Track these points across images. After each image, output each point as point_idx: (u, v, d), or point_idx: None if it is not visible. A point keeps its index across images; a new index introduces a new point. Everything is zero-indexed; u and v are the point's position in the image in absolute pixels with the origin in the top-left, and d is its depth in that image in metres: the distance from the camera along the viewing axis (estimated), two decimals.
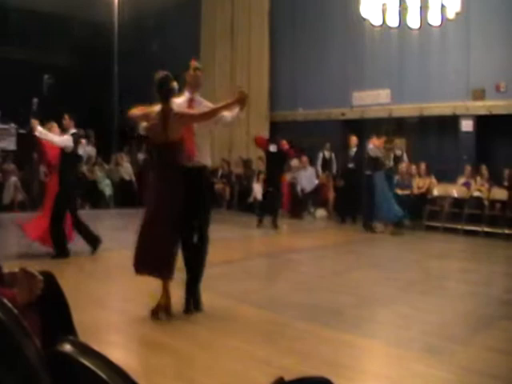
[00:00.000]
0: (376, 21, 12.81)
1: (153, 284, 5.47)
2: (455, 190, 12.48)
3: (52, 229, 8.23)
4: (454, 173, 12.85)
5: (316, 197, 14.67)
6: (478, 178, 12.34)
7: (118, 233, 11.44)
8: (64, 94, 17.56)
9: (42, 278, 2.35)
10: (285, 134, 15.07)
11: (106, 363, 1.04)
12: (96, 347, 1.45)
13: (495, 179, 12.25)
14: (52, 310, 2.49)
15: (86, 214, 13.85)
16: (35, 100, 15.07)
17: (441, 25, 12.53)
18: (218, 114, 5.54)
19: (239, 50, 17.70)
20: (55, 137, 8.42)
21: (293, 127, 15.89)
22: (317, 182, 14.70)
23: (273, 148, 12.83)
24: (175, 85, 5.46)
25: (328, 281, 7.37)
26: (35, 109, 13.95)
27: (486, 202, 12.00)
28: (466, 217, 12.06)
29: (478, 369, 4.28)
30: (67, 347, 1.35)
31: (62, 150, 8.39)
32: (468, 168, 12.51)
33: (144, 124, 5.66)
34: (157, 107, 5.39)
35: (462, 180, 12.58)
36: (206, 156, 5.64)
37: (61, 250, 8.30)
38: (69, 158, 8.46)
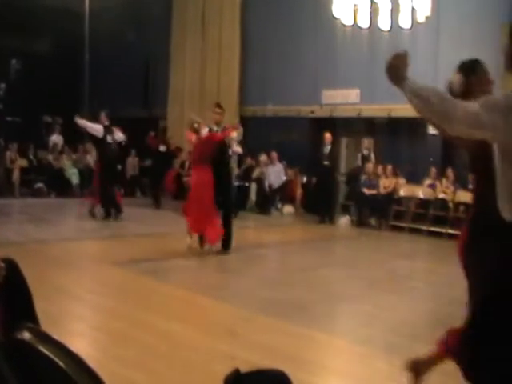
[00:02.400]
0: (347, 21, 12.88)
1: (119, 276, 5.42)
2: (421, 191, 12.62)
3: (225, 225, 8.46)
4: (421, 174, 12.99)
5: (283, 193, 14.70)
6: (444, 180, 12.49)
7: (84, 222, 11.33)
8: (33, 79, 17.29)
9: (3, 265, 2.31)
10: (254, 129, 15.20)
11: (64, 351, 1.03)
12: (58, 336, 1.43)
13: (460, 182, 12.42)
14: (13, 297, 2.45)
15: (51, 203, 13.77)
16: (2, 85, 14.80)
17: (411, 28, 12.67)
18: None
19: (210, 42, 17.55)
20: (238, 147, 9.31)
21: (262, 122, 15.90)
22: (285, 178, 14.72)
23: (162, 148, 15.26)
24: None
25: (294, 277, 7.39)
26: (2, 94, 13.69)
27: (451, 204, 12.16)
28: (431, 218, 12.22)
29: (441, 368, 4.33)
30: (25, 334, 1.33)
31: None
32: (433, 170, 12.67)
33: None
34: None
35: (427, 181, 12.72)
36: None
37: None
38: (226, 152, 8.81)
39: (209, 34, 17.60)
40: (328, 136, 13.27)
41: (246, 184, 14.90)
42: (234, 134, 8.72)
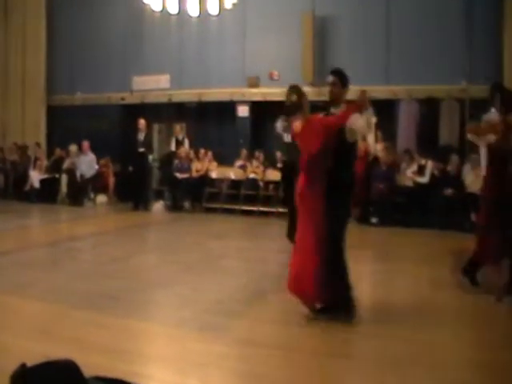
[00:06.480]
0: (156, 6, 12.91)
1: None
2: (232, 173, 13.04)
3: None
4: (232, 156, 13.42)
5: (96, 182, 14.39)
6: (254, 161, 13.02)
7: None
8: None
9: None
10: (63, 119, 14.75)
11: None
12: None
13: (269, 162, 13.01)
14: None
15: None
16: None
17: (219, 14, 12.99)
18: None
19: (13, 31, 16.73)
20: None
21: (71, 111, 15.44)
22: (97, 167, 14.39)
23: None
24: None
25: (107, 267, 7.29)
26: None
27: (261, 183, 12.73)
28: (242, 197, 12.69)
29: (254, 340, 4.56)
30: None
31: None
32: (244, 151, 13.16)
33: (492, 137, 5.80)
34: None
35: (238, 163, 13.18)
36: None
37: None
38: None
39: (12, 23, 16.75)
40: (142, 122, 13.15)
41: (56, 176, 14.36)
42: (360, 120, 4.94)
